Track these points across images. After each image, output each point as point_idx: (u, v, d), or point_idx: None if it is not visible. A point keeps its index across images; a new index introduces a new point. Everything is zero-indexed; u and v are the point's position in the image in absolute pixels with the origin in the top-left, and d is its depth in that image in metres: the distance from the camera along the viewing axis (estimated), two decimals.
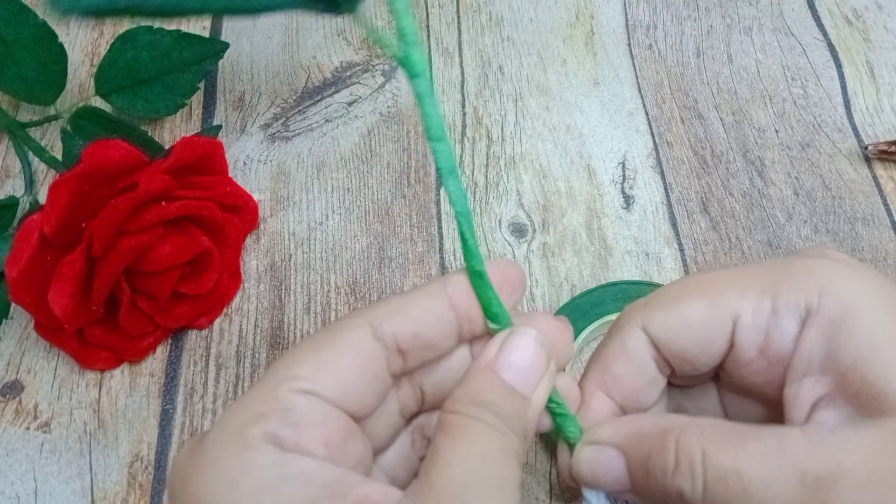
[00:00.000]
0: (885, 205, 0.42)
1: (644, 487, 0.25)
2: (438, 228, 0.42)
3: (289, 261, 0.41)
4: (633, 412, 0.27)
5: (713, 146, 0.44)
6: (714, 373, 0.27)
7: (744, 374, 0.26)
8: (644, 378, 0.26)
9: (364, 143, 0.45)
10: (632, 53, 0.48)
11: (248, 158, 0.44)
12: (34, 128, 0.44)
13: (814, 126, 0.45)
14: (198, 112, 0.46)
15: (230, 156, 0.43)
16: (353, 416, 0.23)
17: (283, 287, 0.40)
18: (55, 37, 0.42)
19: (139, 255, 0.35)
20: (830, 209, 0.42)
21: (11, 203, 0.39)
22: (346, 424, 0.23)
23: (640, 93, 0.46)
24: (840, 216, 0.41)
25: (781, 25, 0.49)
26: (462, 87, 0.47)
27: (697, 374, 0.27)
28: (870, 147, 0.43)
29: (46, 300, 0.33)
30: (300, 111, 0.46)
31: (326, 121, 0.46)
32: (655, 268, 0.40)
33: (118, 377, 0.37)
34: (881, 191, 0.42)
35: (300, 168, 0.44)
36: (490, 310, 0.25)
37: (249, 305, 0.39)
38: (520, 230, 0.41)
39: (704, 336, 0.25)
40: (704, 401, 0.29)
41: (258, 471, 0.21)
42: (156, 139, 0.42)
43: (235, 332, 0.39)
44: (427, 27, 0.49)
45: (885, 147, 0.42)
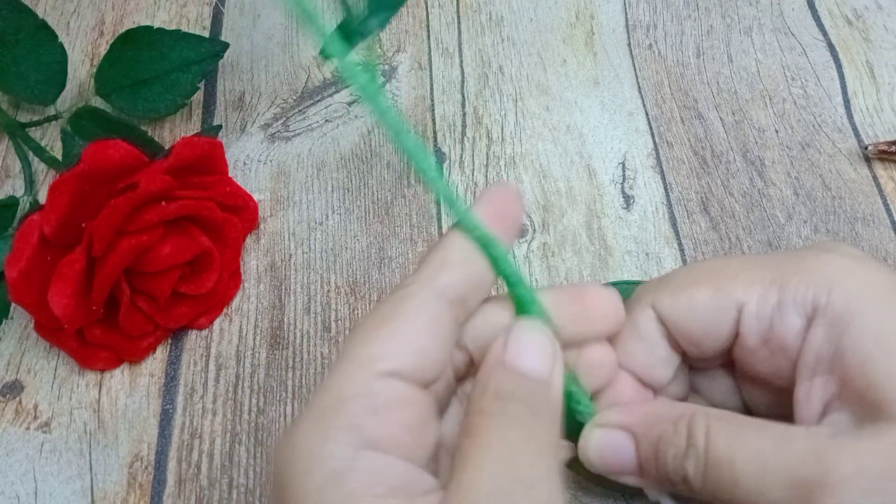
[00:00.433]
0: (885, 205, 0.42)
1: (651, 471, 0.25)
2: (438, 228, 0.42)
3: (289, 261, 0.41)
4: (651, 388, 0.27)
5: (713, 146, 0.44)
6: (727, 358, 0.27)
7: (751, 362, 0.26)
8: (656, 355, 0.27)
9: (364, 143, 0.45)
10: (632, 53, 0.48)
11: (248, 158, 0.44)
12: (34, 128, 0.44)
13: (814, 126, 0.45)
14: (198, 112, 0.46)
15: (230, 156, 0.43)
16: (426, 383, 0.23)
17: (283, 287, 0.40)
18: (55, 37, 0.42)
19: (139, 255, 0.35)
20: (830, 209, 0.42)
21: (11, 203, 0.39)
22: (423, 404, 0.23)
23: (640, 93, 0.46)
24: (840, 216, 0.41)
25: (781, 25, 0.49)
26: (462, 87, 0.47)
27: (709, 358, 0.27)
28: (870, 147, 0.43)
29: (46, 300, 0.33)
30: (300, 111, 0.46)
31: (326, 121, 0.46)
32: (655, 268, 0.40)
33: (118, 377, 0.37)
34: (881, 191, 0.42)
35: (300, 168, 0.44)
36: (499, 268, 0.25)
37: (249, 305, 0.39)
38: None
39: (710, 321, 0.26)
40: (720, 385, 0.29)
41: (335, 469, 0.21)
42: (156, 139, 0.42)
43: (235, 332, 0.39)
44: (427, 27, 0.49)
45: (885, 147, 0.42)
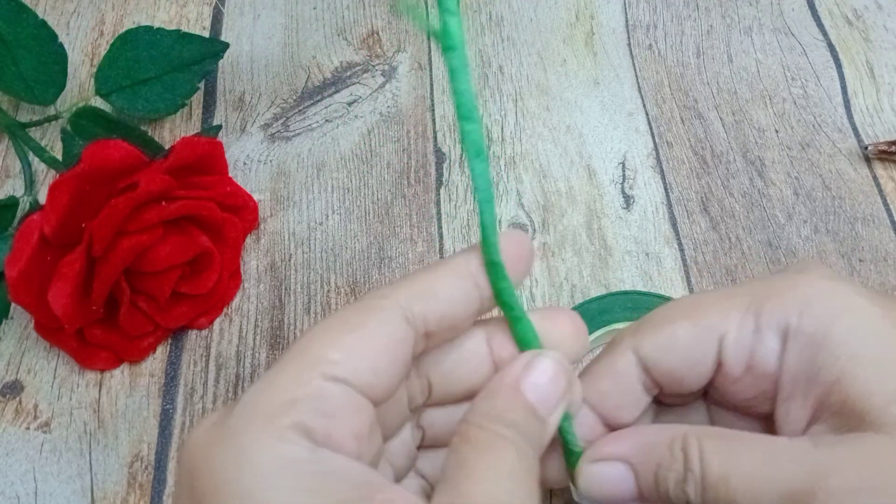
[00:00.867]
0: (885, 205, 0.42)
1: (653, 497, 0.25)
2: (438, 228, 0.42)
3: (289, 261, 0.41)
4: (614, 427, 0.27)
5: (713, 146, 0.44)
6: (703, 391, 0.27)
7: (733, 392, 0.26)
8: (628, 397, 0.27)
9: (364, 143, 0.45)
10: (632, 53, 0.48)
11: (248, 158, 0.44)
12: (34, 128, 0.44)
13: (814, 126, 0.45)
14: (198, 112, 0.46)
15: (230, 156, 0.43)
16: (375, 402, 0.23)
17: (283, 287, 0.40)
18: (55, 37, 0.42)
19: (139, 255, 0.35)
20: (830, 209, 0.42)
21: (11, 203, 0.39)
22: (371, 415, 0.23)
23: (640, 93, 0.46)
24: (840, 216, 0.41)
25: (781, 25, 0.49)
26: None
27: (687, 394, 0.27)
28: (870, 147, 0.43)
29: (46, 300, 0.33)
30: (300, 111, 0.46)
31: (326, 121, 0.46)
32: (655, 268, 0.40)
33: (118, 377, 0.37)
34: (881, 191, 0.42)
35: (300, 168, 0.44)
36: (503, 298, 0.24)
37: (249, 305, 0.39)
38: (520, 230, 0.41)
39: (692, 356, 0.26)
40: (693, 418, 0.29)
41: (294, 466, 0.20)
42: (156, 139, 0.42)
43: (235, 332, 0.39)
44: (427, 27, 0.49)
45: (885, 147, 0.42)
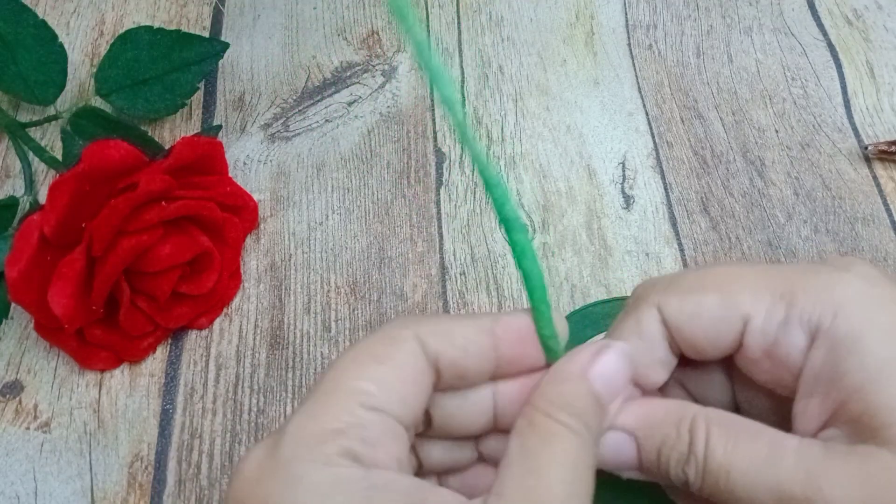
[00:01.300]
0: (885, 205, 0.42)
1: (653, 471, 0.25)
2: (438, 228, 0.42)
3: (289, 261, 0.41)
4: (645, 390, 0.27)
5: (713, 146, 0.44)
6: (726, 361, 0.27)
7: (752, 371, 0.26)
8: (655, 356, 0.27)
9: (364, 143, 0.45)
10: (632, 53, 0.48)
11: (248, 158, 0.44)
12: (34, 128, 0.44)
13: (814, 126, 0.45)
14: (198, 112, 0.46)
15: (230, 156, 0.43)
16: (406, 430, 0.24)
17: (283, 287, 0.40)
18: (55, 37, 0.42)
19: (139, 255, 0.35)
20: (830, 209, 0.42)
21: (11, 203, 0.39)
22: (408, 441, 0.24)
23: (640, 93, 0.46)
24: (840, 216, 0.41)
25: (781, 25, 0.49)
26: (462, 87, 0.47)
27: (707, 361, 0.27)
28: (870, 147, 0.43)
29: (46, 300, 0.33)
30: (300, 111, 0.46)
31: (326, 121, 0.46)
32: (655, 268, 0.40)
33: (118, 377, 0.37)
34: (881, 191, 0.42)
35: (300, 168, 0.44)
36: (548, 345, 0.25)
37: (249, 305, 0.39)
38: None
39: (714, 329, 0.25)
40: (714, 383, 0.29)
41: (347, 484, 0.21)
42: (156, 139, 0.42)
43: (235, 332, 0.39)
44: (427, 27, 0.49)
45: (885, 147, 0.42)
